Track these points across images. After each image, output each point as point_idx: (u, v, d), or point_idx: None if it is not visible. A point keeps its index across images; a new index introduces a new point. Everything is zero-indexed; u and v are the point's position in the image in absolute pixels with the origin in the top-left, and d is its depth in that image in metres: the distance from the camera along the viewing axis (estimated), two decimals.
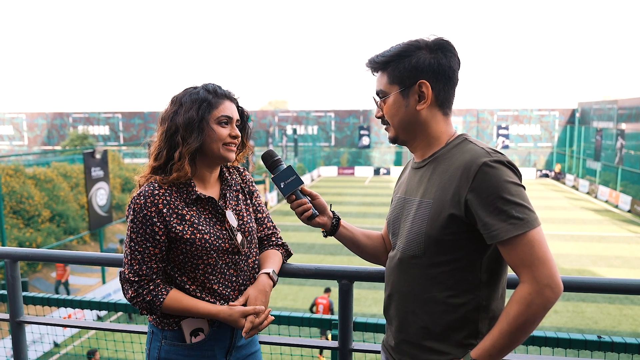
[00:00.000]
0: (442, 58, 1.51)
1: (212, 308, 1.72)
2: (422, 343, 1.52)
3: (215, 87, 1.79)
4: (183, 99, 1.75)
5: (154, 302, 1.69)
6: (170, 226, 1.69)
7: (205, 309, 1.71)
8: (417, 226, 1.50)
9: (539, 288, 1.32)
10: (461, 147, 1.50)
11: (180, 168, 1.70)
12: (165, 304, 1.70)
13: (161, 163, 1.73)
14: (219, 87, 1.80)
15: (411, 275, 1.53)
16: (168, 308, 1.71)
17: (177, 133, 1.71)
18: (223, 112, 1.75)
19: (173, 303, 1.70)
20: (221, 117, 1.74)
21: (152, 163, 1.76)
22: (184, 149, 1.70)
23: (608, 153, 30.35)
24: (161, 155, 1.73)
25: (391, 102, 1.56)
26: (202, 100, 1.73)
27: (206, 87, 1.78)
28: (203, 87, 1.78)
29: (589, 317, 11.86)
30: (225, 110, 1.76)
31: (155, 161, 1.74)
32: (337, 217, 1.84)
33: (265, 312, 1.73)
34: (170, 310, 1.71)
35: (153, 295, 1.69)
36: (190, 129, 1.70)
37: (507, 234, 1.34)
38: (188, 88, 1.79)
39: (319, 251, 17.53)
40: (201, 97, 1.73)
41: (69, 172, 19.12)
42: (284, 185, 1.75)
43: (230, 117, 1.76)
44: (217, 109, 1.74)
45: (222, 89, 1.79)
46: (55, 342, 10.10)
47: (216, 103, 1.75)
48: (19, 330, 2.46)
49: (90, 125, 44.11)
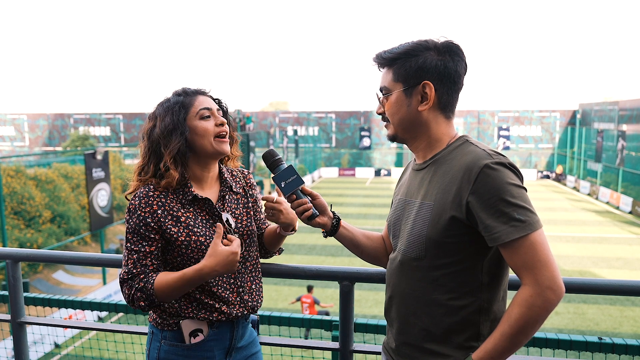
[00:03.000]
0: (450, 61, 1.51)
1: (197, 265, 1.64)
2: (423, 345, 1.51)
3: (184, 88, 1.79)
4: (157, 111, 1.75)
5: (145, 286, 1.64)
6: (165, 227, 1.68)
7: (192, 270, 1.63)
8: (418, 228, 1.50)
9: (541, 290, 1.32)
10: (462, 148, 1.49)
11: (168, 175, 1.69)
12: (156, 285, 1.64)
13: (148, 177, 1.72)
14: (188, 88, 1.80)
15: (412, 277, 1.52)
16: (160, 289, 1.64)
17: (158, 145, 1.71)
18: (200, 105, 1.74)
19: (162, 282, 1.64)
20: (201, 111, 1.74)
21: (135, 179, 1.75)
22: (168, 156, 1.69)
23: (609, 154, 30.33)
24: (147, 170, 1.73)
25: (393, 100, 1.55)
26: (174, 104, 1.73)
27: (175, 92, 1.78)
28: (172, 93, 1.79)
29: (590, 318, 11.84)
30: (201, 103, 1.75)
31: (140, 176, 1.74)
32: (337, 217, 1.83)
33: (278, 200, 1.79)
34: (163, 291, 1.65)
35: (144, 282, 1.65)
36: (169, 135, 1.69)
37: (509, 236, 1.34)
38: (161, 101, 1.79)
39: (320, 252, 17.52)
40: (172, 102, 1.74)
41: (70, 173, 19.14)
42: (285, 184, 1.75)
43: (209, 107, 1.76)
44: (193, 105, 1.74)
45: (191, 88, 1.79)
46: (56, 342, 10.10)
47: (190, 101, 1.74)
48: (20, 331, 2.46)
49: (91, 126, 44.14)
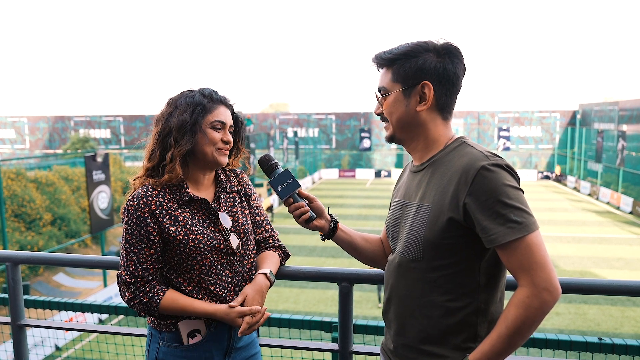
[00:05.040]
0: (449, 63, 1.51)
1: (208, 307, 1.72)
2: (420, 347, 1.51)
3: (211, 91, 1.79)
4: (178, 101, 1.76)
5: (151, 303, 1.70)
6: (164, 227, 1.70)
7: (202, 308, 1.72)
8: (415, 230, 1.50)
9: (537, 291, 1.32)
10: (459, 150, 1.50)
11: (172, 170, 1.71)
12: (162, 305, 1.71)
13: (154, 164, 1.74)
14: (215, 92, 1.80)
15: (410, 278, 1.53)
16: (165, 308, 1.71)
17: (170, 135, 1.72)
18: (217, 117, 1.75)
19: (170, 303, 1.71)
20: (215, 122, 1.75)
21: (146, 163, 1.77)
22: (176, 150, 1.71)
23: (609, 154, 30.32)
24: (154, 156, 1.75)
25: (392, 100, 1.56)
26: (197, 104, 1.74)
27: (202, 91, 1.78)
28: (199, 91, 1.78)
29: (591, 319, 11.83)
30: (219, 115, 1.76)
31: (149, 161, 1.76)
32: (334, 220, 1.84)
33: (261, 312, 1.75)
34: (167, 311, 1.72)
35: (150, 297, 1.70)
36: (183, 132, 1.71)
37: (506, 237, 1.34)
38: (185, 91, 1.80)
39: (320, 254, 17.52)
40: (196, 101, 1.74)
41: (71, 176, 19.15)
42: (281, 188, 1.77)
43: (223, 122, 1.77)
44: (212, 113, 1.75)
45: (218, 94, 1.80)
46: (57, 345, 10.09)
47: (211, 108, 1.75)
48: (20, 334, 2.46)
49: (91, 129, 44.17)
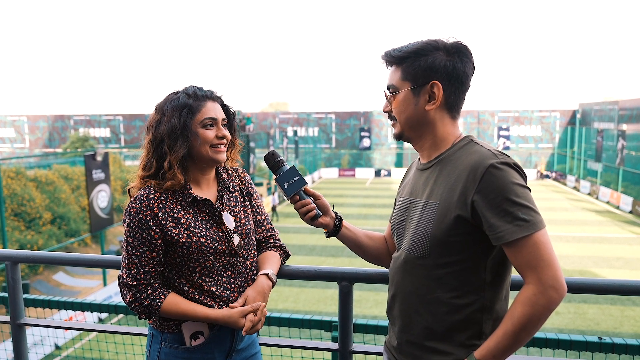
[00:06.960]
0: (458, 62, 1.52)
1: (210, 313, 1.71)
2: (425, 343, 1.52)
3: (195, 89, 1.75)
4: (164, 107, 1.72)
5: (152, 306, 1.69)
6: (166, 230, 1.68)
7: (203, 314, 1.71)
8: (422, 227, 1.50)
9: (544, 289, 1.33)
10: (467, 148, 1.50)
11: (173, 177, 1.69)
12: (163, 308, 1.70)
13: (151, 173, 1.72)
14: (200, 89, 1.76)
15: (416, 275, 1.53)
16: (166, 312, 1.70)
17: (162, 143, 1.70)
18: (206, 115, 1.72)
19: (171, 307, 1.70)
20: (205, 120, 1.72)
21: (141, 173, 1.74)
22: (172, 157, 1.68)
23: (609, 154, 30.32)
24: (150, 165, 1.72)
25: (401, 99, 1.56)
26: (183, 106, 1.70)
27: (186, 91, 1.74)
28: (183, 91, 1.74)
29: (591, 318, 11.83)
30: (208, 112, 1.73)
31: (144, 171, 1.73)
32: (339, 217, 1.84)
33: (261, 308, 1.73)
34: (168, 314, 1.71)
35: (151, 300, 1.69)
36: (175, 137, 1.68)
37: (513, 235, 1.35)
38: (170, 94, 1.76)
39: (320, 253, 17.52)
40: (181, 103, 1.71)
41: (70, 175, 19.14)
42: (288, 185, 1.75)
43: (214, 118, 1.74)
44: (200, 112, 1.72)
45: (202, 90, 1.76)
46: (57, 344, 10.09)
47: (198, 106, 1.72)
48: (20, 333, 2.46)
49: (91, 128, 44.17)
